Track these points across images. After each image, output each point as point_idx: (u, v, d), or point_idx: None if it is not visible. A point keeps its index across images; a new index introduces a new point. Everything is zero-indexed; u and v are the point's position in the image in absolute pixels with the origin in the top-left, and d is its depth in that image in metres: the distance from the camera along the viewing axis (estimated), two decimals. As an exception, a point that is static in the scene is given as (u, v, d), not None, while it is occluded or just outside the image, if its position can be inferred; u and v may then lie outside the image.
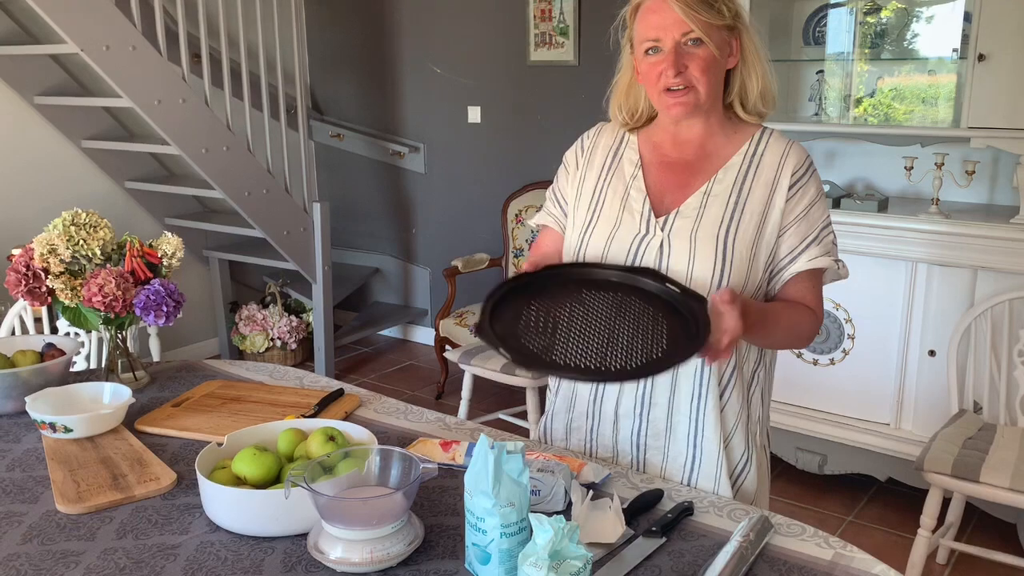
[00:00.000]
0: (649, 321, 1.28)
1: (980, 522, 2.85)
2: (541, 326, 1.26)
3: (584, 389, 1.48)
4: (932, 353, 2.81)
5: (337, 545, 1.10)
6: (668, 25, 1.31)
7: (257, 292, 4.76)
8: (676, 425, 1.43)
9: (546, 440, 1.58)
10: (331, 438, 1.30)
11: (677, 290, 1.31)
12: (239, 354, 4.45)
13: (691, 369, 1.40)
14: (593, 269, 1.39)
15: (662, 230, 1.39)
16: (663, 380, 1.41)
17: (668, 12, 1.31)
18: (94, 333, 2.48)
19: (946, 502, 2.51)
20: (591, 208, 1.47)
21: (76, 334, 2.48)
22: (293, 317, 4.45)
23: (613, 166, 1.48)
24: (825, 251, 1.39)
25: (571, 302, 1.31)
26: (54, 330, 2.60)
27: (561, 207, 1.54)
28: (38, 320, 2.72)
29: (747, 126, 1.43)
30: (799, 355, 3.05)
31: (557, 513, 1.15)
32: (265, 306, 4.51)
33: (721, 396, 1.41)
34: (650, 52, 1.35)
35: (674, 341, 1.25)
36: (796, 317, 1.40)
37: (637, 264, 1.39)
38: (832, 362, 3.00)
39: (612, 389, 1.45)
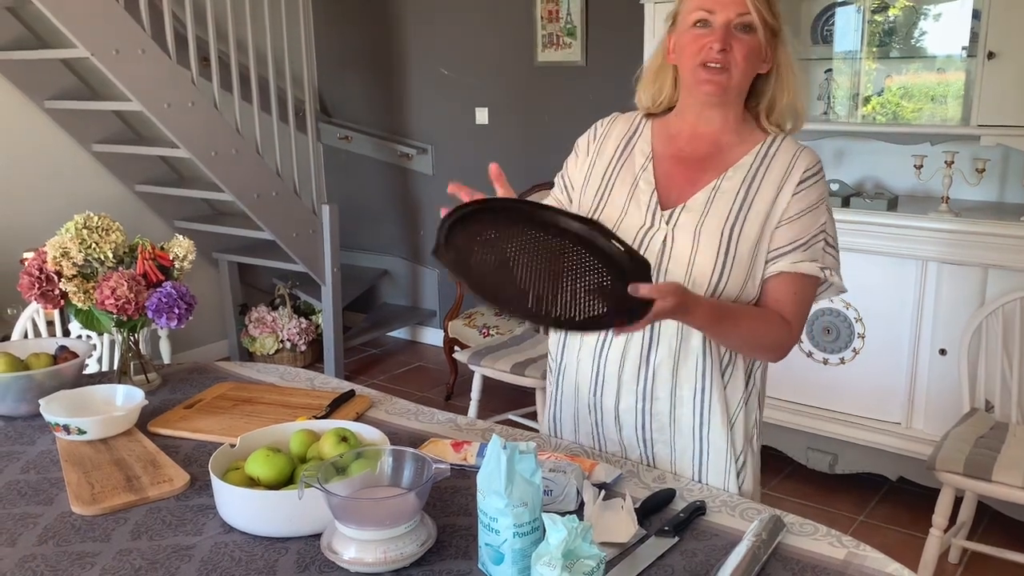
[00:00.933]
0: (595, 277, 1.25)
1: (992, 521, 2.84)
2: (491, 258, 1.24)
3: (584, 382, 1.49)
4: (943, 352, 2.80)
5: (351, 545, 1.10)
6: (727, 2, 1.32)
7: (266, 294, 4.78)
8: (680, 418, 1.43)
9: (555, 432, 1.59)
10: (344, 439, 1.31)
11: (622, 248, 1.28)
12: (249, 356, 4.47)
13: (692, 362, 1.40)
14: (546, 211, 1.34)
15: (667, 223, 1.39)
16: (664, 374, 1.41)
17: None
18: (106, 336, 2.49)
19: (958, 501, 2.50)
20: (598, 195, 1.47)
21: (88, 337, 2.49)
22: (302, 319, 4.46)
23: (624, 155, 1.48)
24: (812, 258, 1.36)
25: (521, 238, 1.28)
26: (66, 333, 2.61)
27: (568, 192, 1.54)
28: (50, 323, 2.73)
29: (761, 132, 1.43)
30: (808, 354, 3.04)
31: (569, 513, 1.16)
32: (274, 308, 4.53)
33: (724, 389, 1.42)
34: (698, 24, 1.34)
35: (614, 301, 1.22)
36: (759, 326, 1.36)
37: (641, 252, 1.36)
38: (842, 361, 3.00)
39: (611, 383, 1.45)
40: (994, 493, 2.24)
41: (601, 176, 1.48)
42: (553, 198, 1.56)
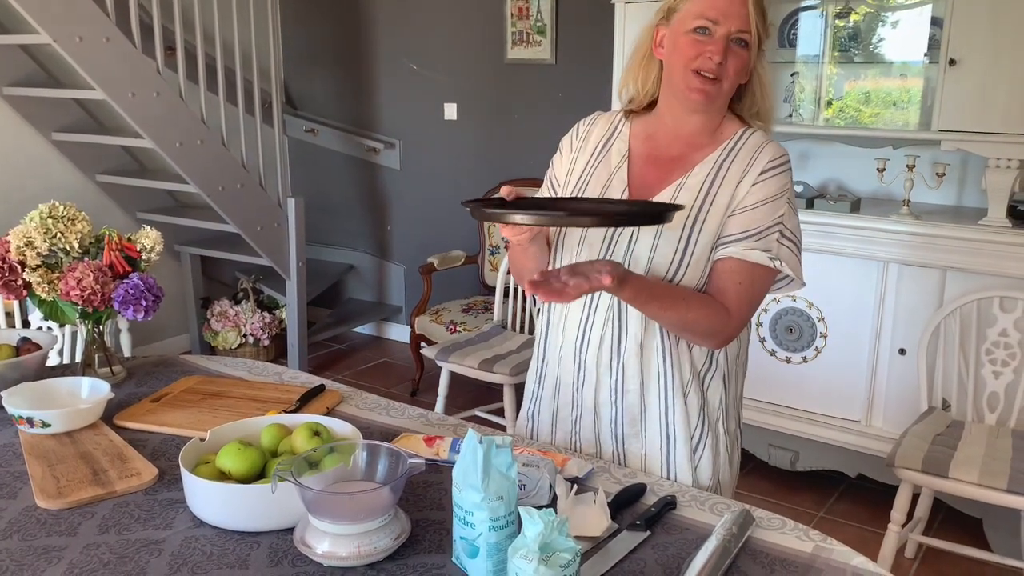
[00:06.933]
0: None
1: (947, 517, 2.91)
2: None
3: (567, 376, 1.50)
4: (902, 352, 2.86)
5: (324, 539, 1.10)
6: (731, 14, 1.33)
7: (229, 288, 4.72)
8: (649, 406, 1.45)
9: (532, 433, 1.59)
10: (316, 433, 1.30)
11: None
12: (211, 350, 4.41)
13: (653, 348, 1.42)
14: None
15: None
16: (632, 367, 1.43)
17: (737, 2, 1.33)
18: (67, 328, 2.45)
19: (914, 498, 2.56)
20: (574, 192, 1.50)
21: (50, 328, 2.44)
22: (266, 313, 4.42)
23: (602, 155, 1.50)
24: (764, 248, 1.36)
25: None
26: (26, 324, 2.56)
27: (554, 190, 1.56)
28: (9, 315, 2.67)
29: (735, 126, 1.45)
30: (772, 353, 3.09)
31: (543, 507, 1.16)
32: (237, 302, 4.47)
33: (697, 377, 1.44)
34: (698, 31, 1.35)
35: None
36: (693, 312, 1.35)
37: (612, 247, 1.42)
38: (804, 360, 3.05)
39: (591, 376, 1.46)
40: (950, 489, 2.29)
41: (580, 173, 1.51)
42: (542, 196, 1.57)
